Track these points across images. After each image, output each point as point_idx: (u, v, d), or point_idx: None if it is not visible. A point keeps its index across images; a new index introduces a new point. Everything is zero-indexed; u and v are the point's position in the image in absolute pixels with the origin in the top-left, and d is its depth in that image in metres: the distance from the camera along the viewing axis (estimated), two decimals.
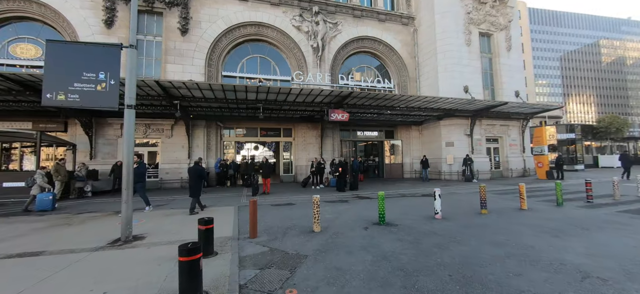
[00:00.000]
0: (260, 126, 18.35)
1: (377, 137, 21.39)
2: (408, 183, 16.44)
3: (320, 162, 14.79)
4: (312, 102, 14.23)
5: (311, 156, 17.35)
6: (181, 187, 15.57)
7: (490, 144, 20.18)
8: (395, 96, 13.92)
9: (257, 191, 11.68)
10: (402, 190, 13.11)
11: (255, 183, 11.69)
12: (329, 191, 12.92)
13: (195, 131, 16.40)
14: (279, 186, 15.66)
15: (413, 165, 20.68)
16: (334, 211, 8.05)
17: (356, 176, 13.11)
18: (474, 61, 19.56)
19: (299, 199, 10.45)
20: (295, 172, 18.47)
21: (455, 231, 5.73)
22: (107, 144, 15.40)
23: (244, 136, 18.31)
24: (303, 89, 12.28)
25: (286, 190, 13.60)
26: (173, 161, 15.91)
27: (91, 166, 14.18)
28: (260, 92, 12.37)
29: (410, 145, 21.01)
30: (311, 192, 12.43)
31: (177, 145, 16.08)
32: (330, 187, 14.32)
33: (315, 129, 18.34)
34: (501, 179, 18.58)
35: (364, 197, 10.88)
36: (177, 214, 8.11)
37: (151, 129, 15.87)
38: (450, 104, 15.91)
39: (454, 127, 18.59)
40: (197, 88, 11.51)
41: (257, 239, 5.37)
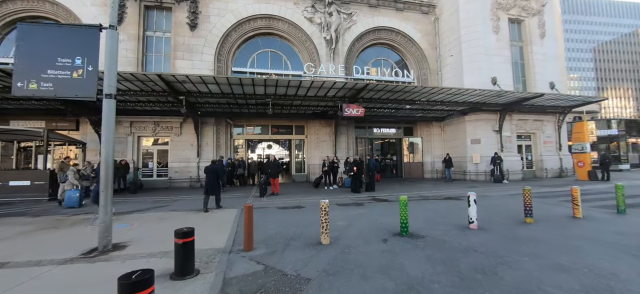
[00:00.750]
0: (272, 123, 17.60)
1: (395, 134, 20.06)
2: (429, 184, 15.07)
3: (334, 161, 13.77)
4: (325, 97, 13.24)
5: (324, 155, 16.37)
6: (190, 187, 15.10)
7: (522, 142, 18.32)
8: (416, 88, 12.64)
9: (264, 192, 10.86)
10: (424, 192, 11.84)
11: (263, 184, 10.87)
12: (342, 193, 11.89)
13: (204, 129, 15.88)
14: (290, 187, 14.80)
15: (434, 164, 19.19)
16: (347, 217, 7.02)
17: (373, 176, 11.99)
18: (502, 50, 17.78)
19: (309, 202, 9.50)
20: (308, 172, 17.56)
21: (500, 247, 4.56)
22: (117, 143, 15.14)
23: (254, 134, 17.63)
24: (314, 82, 11.32)
25: (297, 191, 12.71)
26: (182, 160, 15.46)
27: None
28: (269, 86, 11.53)
29: (431, 143, 19.52)
30: (323, 194, 11.46)
31: (186, 143, 15.62)
32: (345, 188, 13.28)
33: (329, 126, 17.34)
34: (534, 180, 16.75)
35: (381, 200, 9.76)
36: (175, 217, 7.40)
37: (160, 127, 15.50)
38: (477, 97, 14.38)
39: (481, 123, 16.96)
40: (202, 82, 10.83)
41: (253, 252, 4.46)
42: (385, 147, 21.70)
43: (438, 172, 19.03)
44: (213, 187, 8.31)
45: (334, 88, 12.19)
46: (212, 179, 8.30)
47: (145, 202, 10.04)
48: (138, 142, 15.51)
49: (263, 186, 10.80)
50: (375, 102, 14.14)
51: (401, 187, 13.77)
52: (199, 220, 6.99)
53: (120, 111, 14.68)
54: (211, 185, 8.28)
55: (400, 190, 12.50)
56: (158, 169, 15.76)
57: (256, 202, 9.55)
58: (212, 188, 8.30)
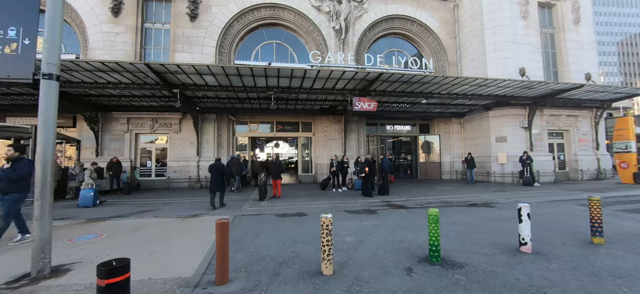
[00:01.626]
0: (277, 119, 16.47)
1: (409, 132, 18.54)
2: (449, 186, 13.54)
3: (343, 161, 12.46)
4: (333, 90, 11.95)
5: (333, 154, 15.10)
6: (190, 188, 14.15)
7: (553, 140, 16.47)
8: (435, 79, 11.16)
9: (264, 195, 9.70)
10: (446, 196, 10.38)
11: (262, 186, 9.70)
12: (352, 196, 10.59)
13: (205, 126, 14.90)
14: (295, 188, 13.60)
15: (453, 164, 17.57)
16: (358, 229, 5.74)
17: (386, 178, 10.63)
18: (531, 38, 15.99)
19: (314, 208, 8.26)
20: (315, 172, 16.33)
21: (579, 287, 3.17)
22: (114, 140, 14.39)
23: (258, 132, 16.54)
24: (321, 72, 10.06)
25: (302, 193, 11.49)
26: (181, 159, 14.53)
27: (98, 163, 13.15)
28: (270, 76, 10.35)
29: (449, 141, 17.89)
30: (330, 197, 10.19)
31: (186, 141, 14.68)
32: (355, 191, 11.97)
33: (338, 123, 16.04)
34: (569, 182, 14.92)
35: (397, 206, 8.41)
36: (154, 225, 6.32)
37: (159, 123, 14.63)
38: (504, 89, 12.75)
39: (507, 119, 15.25)
40: (195, 72, 9.77)
41: (227, 287, 3.25)
42: (399, 146, 20.19)
43: (457, 173, 17.40)
44: (218, 185, 8.44)
45: (343, 79, 10.88)
46: (217, 177, 8.46)
47: (132, 205, 9.07)
48: (136, 140, 14.69)
49: (263, 188, 9.63)
50: (389, 96, 12.74)
51: (418, 190, 12.32)
52: (179, 230, 5.88)
53: (117, 107, 13.91)
54: (216, 183, 8.42)
55: (417, 194, 11.08)
56: (157, 168, 14.91)
57: (253, 208, 8.39)
58: (216, 186, 8.44)
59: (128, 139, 14.44)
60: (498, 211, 7.53)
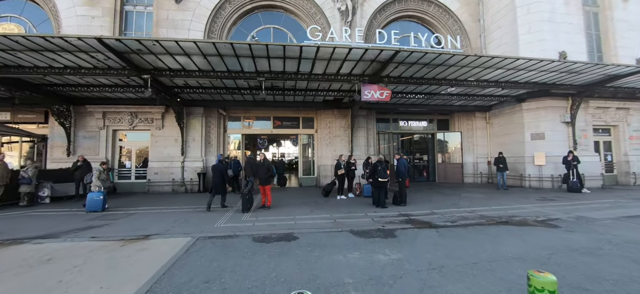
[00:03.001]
0: (275, 114, 14.49)
1: (425, 128, 16.28)
2: (477, 192, 11.26)
3: (350, 161, 10.35)
4: (338, 75, 9.86)
5: (338, 153, 13.02)
6: (172, 192, 12.29)
7: (599, 137, 13.99)
8: (465, 59, 8.92)
9: (249, 205, 7.70)
10: (479, 207, 8.15)
11: (246, 194, 7.68)
12: (360, 206, 8.50)
13: (191, 121, 13.03)
14: (293, 194, 11.57)
15: (478, 166, 15.22)
16: (370, 274, 3.65)
17: (403, 184, 8.47)
18: (572, 17, 13.53)
19: (309, 225, 6.21)
20: (318, 174, 14.27)
21: None
22: (87, 138, 12.66)
23: (252, 128, 14.57)
24: (321, 50, 7.98)
25: (299, 201, 9.45)
26: (164, 159, 12.69)
27: (62, 163, 11.45)
28: (258, 57, 8.35)
29: (472, 139, 15.55)
30: (334, 208, 8.10)
31: (169, 139, 12.84)
32: (363, 198, 9.87)
33: (344, 118, 13.94)
34: (619, 188, 12.48)
35: (421, 224, 6.28)
36: (76, 254, 4.38)
37: (138, 118, 12.82)
38: (548, 73, 10.43)
39: (545, 113, 12.86)
40: (164, 52, 7.84)
41: None
42: (413, 145, 17.88)
43: (482, 176, 15.05)
44: (218, 187, 8.29)
45: (349, 61, 8.78)
46: (217, 179, 8.30)
47: (81, 218, 7.20)
48: (113, 137, 12.93)
49: (247, 196, 7.62)
50: (406, 84, 10.55)
51: (442, 198, 10.11)
52: (101, 266, 3.92)
53: (90, 99, 12.17)
54: (217, 184, 8.29)
55: (442, 203, 8.89)
56: (137, 169, 13.12)
57: (230, 223, 6.40)
58: (217, 188, 8.29)
59: (104, 136, 12.69)
60: (569, 235, 5.31)
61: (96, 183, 8.30)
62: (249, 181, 7.93)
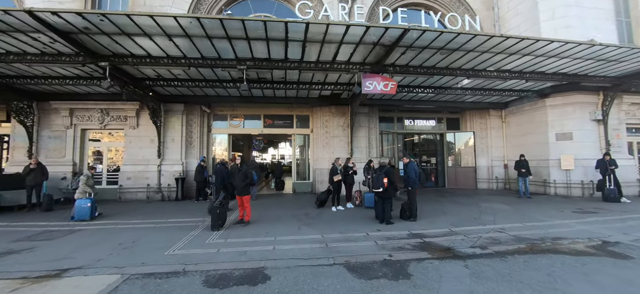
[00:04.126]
0: (265, 112, 12.98)
1: (434, 128, 14.70)
2: (499, 202, 9.66)
3: (348, 166, 8.78)
4: (334, 64, 8.31)
5: (336, 156, 11.48)
6: (147, 200, 10.80)
7: (633, 137, 12.33)
8: (490, 41, 7.33)
9: (221, 221, 6.15)
10: (509, 224, 6.56)
11: (218, 207, 6.12)
12: (360, 221, 6.95)
13: (170, 119, 11.54)
14: (283, 203, 10.04)
15: (493, 170, 13.60)
16: None
17: (413, 195, 6.89)
18: (602, 2, 11.96)
19: (290, 253, 4.67)
20: (314, 180, 12.72)
21: None
22: (53, 138, 11.21)
23: (240, 128, 13.04)
24: (312, 28, 6.46)
25: (287, 214, 7.90)
26: (138, 161, 11.19)
27: None
28: (235, 38, 6.85)
29: (487, 139, 13.93)
30: (327, 225, 6.54)
31: (144, 139, 11.35)
32: (364, 210, 8.31)
33: (343, 116, 12.39)
34: None
35: (438, 247, 4.73)
36: None
37: (110, 116, 11.35)
38: (582, 62, 8.86)
39: (572, 109, 11.26)
40: (120, 32, 6.36)
41: None
42: (420, 146, 16.27)
43: (498, 181, 13.43)
44: (219, 191, 8.25)
45: (347, 43, 7.24)
46: (219, 182, 8.38)
47: (8, 237, 5.71)
48: (82, 138, 11.47)
49: (218, 210, 6.07)
50: (414, 74, 9.00)
51: (458, 209, 8.53)
52: None
53: (54, 94, 10.73)
54: (218, 189, 8.31)
55: (461, 217, 7.30)
56: (109, 174, 11.62)
57: (187, 250, 4.86)
58: (218, 192, 8.25)
59: (71, 136, 11.23)
60: None
61: (84, 189, 7.56)
62: (222, 192, 6.39)
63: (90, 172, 8.19)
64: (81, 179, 7.77)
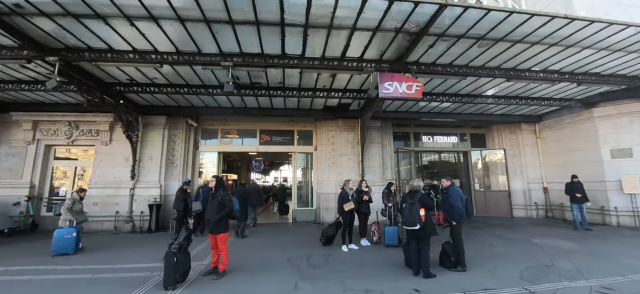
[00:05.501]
0: (261, 126, 11.25)
1: (456, 146, 12.77)
2: (553, 234, 7.53)
3: (362, 190, 6.82)
4: (343, 61, 6.60)
5: (345, 178, 9.57)
6: (114, 231, 8.86)
7: None
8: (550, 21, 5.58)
9: (176, 275, 4.15)
10: (608, 278, 4.48)
11: (177, 249, 4.17)
12: (382, 268, 4.97)
13: (149, 135, 9.84)
14: (280, 236, 8.04)
15: (530, 194, 11.48)
16: None
17: (460, 231, 4.88)
18: None
19: None
20: (318, 206, 10.72)
21: None
22: (11, 155, 9.53)
23: (233, 145, 11.25)
24: (314, 5, 4.79)
25: (280, 256, 5.91)
26: (108, 184, 9.36)
27: None
28: (214, 21, 5.20)
29: (520, 158, 11.93)
30: (338, 278, 4.51)
31: (118, 158, 9.59)
32: (385, 250, 6.28)
33: (351, 131, 10.61)
34: None
35: None
36: None
37: (79, 130, 9.71)
38: None
39: (629, 120, 9.37)
40: (63, 11, 4.77)
41: None
42: (440, 167, 14.28)
43: (538, 207, 11.26)
44: None
45: (361, 30, 5.54)
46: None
47: None
48: (45, 155, 9.76)
49: (175, 257, 4.10)
50: (443, 75, 7.24)
51: (507, 247, 6.47)
52: None
53: (12, 103, 9.16)
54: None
55: (519, 258, 5.27)
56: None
57: None
58: None
59: (32, 153, 9.54)
60: None
61: (66, 217, 6.46)
62: (185, 228, 4.45)
63: (78, 194, 6.94)
64: (65, 205, 6.67)
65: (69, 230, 6.33)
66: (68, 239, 6.26)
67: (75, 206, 6.72)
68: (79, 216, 6.78)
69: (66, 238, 6.25)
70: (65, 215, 6.50)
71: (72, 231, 6.34)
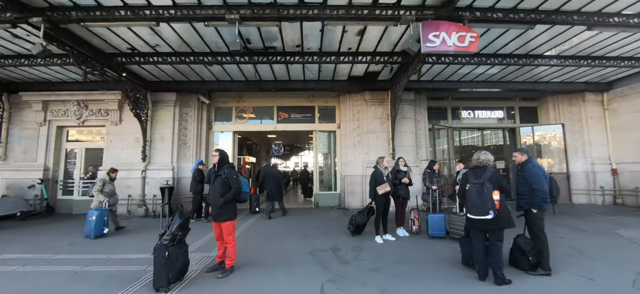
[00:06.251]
0: (279, 103, 10.22)
1: (501, 122, 11.04)
2: (632, 223, 5.96)
3: (400, 170, 5.59)
4: (374, 8, 5.25)
5: (372, 157, 8.37)
6: (128, 215, 8.37)
7: None
8: None
9: (169, 274, 3.21)
10: None
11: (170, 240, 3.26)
12: (433, 269, 3.84)
13: (159, 113, 9.14)
14: (302, 223, 7.09)
15: (594, 177, 9.65)
16: None
17: (542, 222, 3.58)
18: None
19: None
20: (343, 190, 9.65)
21: None
22: (24, 138, 9.25)
23: (248, 124, 10.33)
24: None
25: (301, 248, 4.93)
26: (120, 166, 8.59)
27: None
28: None
29: (582, 134, 10.03)
30: (374, 279, 3.42)
31: (129, 138, 9.01)
32: (429, 242, 5.13)
33: (380, 104, 9.29)
34: None
35: None
36: None
37: (89, 110, 9.19)
38: None
39: None
40: None
41: None
42: (481, 146, 12.56)
43: (605, 192, 9.45)
44: (275, 194, 7.95)
45: None
46: (274, 186, 7.93)
47: None
48: (57, 137, 9.40)
49: (167, 252, 3.18)
50: (504, 23, 5.68)
51: (583, 239, 5.10)
52: None
53: (20, 83, 8.76)
54: (273, 192, 7.92)
55: (613, 256, 3.92)
56: (84, 182, 9.37)
57: None
58: (274, 195, 7.94)
59: (44, 134, 9.19)
60: None
61: (98, 198, 6.09)
62: (178, 214, 3.52)
63: (108, 175, 6.50)
64: (96, 185, 6.31)
65: (91, 212, 5.86)
66: (90, 221, 5.82)
67: (106, 187, 6.30)
68: (111, 197, 6.33)
69: (88, 220, 5.85)
70: (97, 197, 6.11)
71: (94, 213, 5.83)
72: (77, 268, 3.99)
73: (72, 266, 4.10)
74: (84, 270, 3.93)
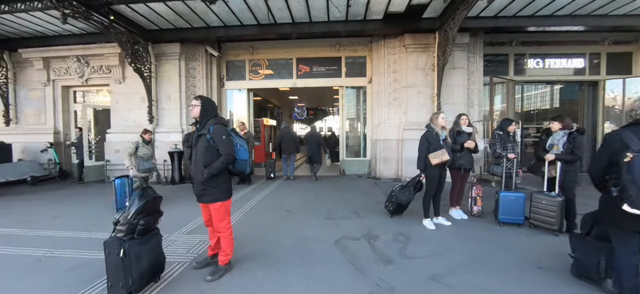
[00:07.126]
0: (298, 54, 8.66)
1: (579, 73, 8.65)
2: None
3: (461, 131, 4.06)
4: None
5: (410, 117, 6.79)
6: None
7: None
8: None
9: (124, 281, 2.15)
10: None
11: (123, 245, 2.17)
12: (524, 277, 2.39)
13: (163, 68, 8.05)
14: (326, 195, 5.93)
15: None
16: None
17: None
18: None
19: None
20: (373, 157, 8.27)
21: None
22: (31, 99, 8.73)
23: (263, 81, 8.96)
24: None
25: (325, 238, 3.73)
26: (128, 128, 8.06)
27: None
28: None
29: None
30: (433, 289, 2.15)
31: (134, 98, 8.12)
32: (498, 228, 3.71)
33: (424, 51, 7.41)
34: None
35: None
36: None
37: (90, 66, 8.32)
38: None
39: None
40: None
41: None
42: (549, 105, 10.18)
43: None
44: (314, 157, 7.83)
45: None
46: (314, 149, 7.83)
47: None
48: (64, 98, 8.79)
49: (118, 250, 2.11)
50: None
51: None
52: None
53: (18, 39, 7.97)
54: (314, 155, 7.83)
55: None
56: (95, 145, 8.78)
57: None
58: (314, 157, 7.83)
59: (50, 95, 8.60)
60: None
61: (128, 163, 5.26)
62: (136, 194, 2.38)
63: (141, 137, 5.60)
64: (127, 149, 5.47)
65: (121, 180, 4.84)
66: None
67: (139, 150, 5.47)
68: (145, 163, 5.48)
69: None
70: (127, 162, 5.26)
71: (119, 181, 4.79)
72: (44, 252, 3.15)
73: (42, 249, 3.27)
74: (48, 255, 3.07)
